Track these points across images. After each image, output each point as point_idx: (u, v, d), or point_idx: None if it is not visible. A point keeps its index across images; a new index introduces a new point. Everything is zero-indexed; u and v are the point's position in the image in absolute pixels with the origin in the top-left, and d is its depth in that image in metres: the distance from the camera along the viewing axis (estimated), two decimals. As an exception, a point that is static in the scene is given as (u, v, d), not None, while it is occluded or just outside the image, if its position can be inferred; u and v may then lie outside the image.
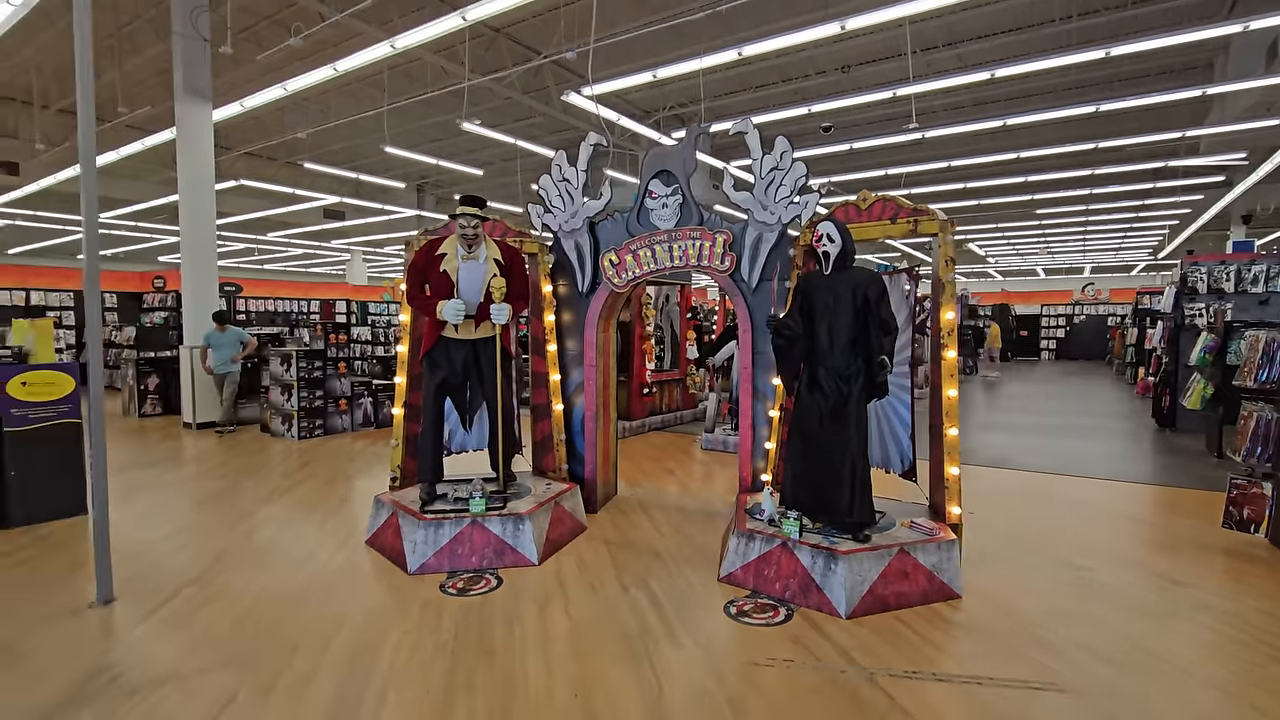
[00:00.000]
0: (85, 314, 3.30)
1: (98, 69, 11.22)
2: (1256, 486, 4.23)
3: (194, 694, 2.56)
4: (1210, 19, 8.64)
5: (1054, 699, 2.52)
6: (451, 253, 4.22)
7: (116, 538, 4.15)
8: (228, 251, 26.01)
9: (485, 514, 3.97)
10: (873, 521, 3.63)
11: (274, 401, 8.46)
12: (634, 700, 2.52)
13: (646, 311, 8.72)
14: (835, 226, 3.74)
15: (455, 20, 6.57)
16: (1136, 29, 9.26)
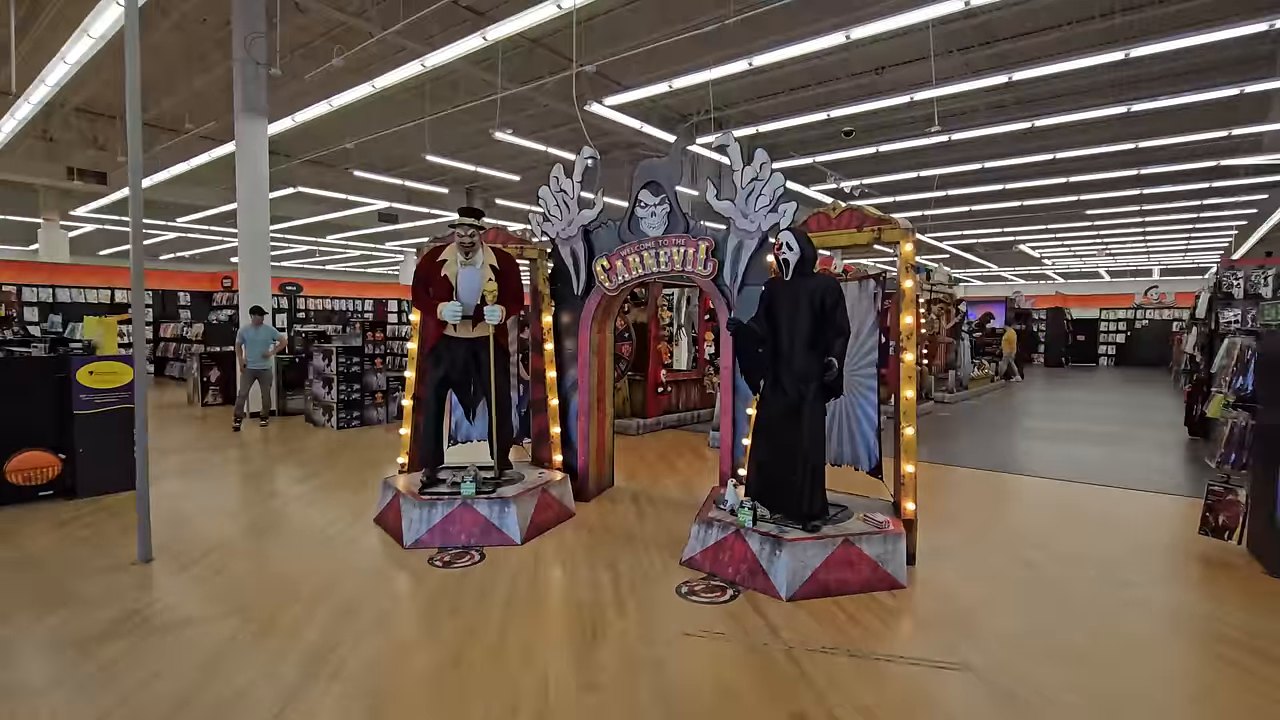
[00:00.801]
0: (132, 312, 3.87)
1: (170, 86, 12.33)
2: (1232, 494, 4.25)
3: (205, 633, 3.04)
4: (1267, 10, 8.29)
5: (955, 676, 2.73)
6: (451, 259, 4.65)
7: (163, 508, 4.78)
8: (291, 253, 27.57)
9: (475, 497, 4.38)
10: (824, 513, 3.86)
11: (316, 394, 9.16)
12: (568, 654, 2.86)
13: (662, 313, 9.03)
14: (795, 236, 3.98)
15: (477, 40, 7.05)
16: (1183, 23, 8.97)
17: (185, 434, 8.49)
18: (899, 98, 10.08)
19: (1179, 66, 10.49)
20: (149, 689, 2.56)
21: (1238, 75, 10.50)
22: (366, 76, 9.19)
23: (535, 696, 2.53)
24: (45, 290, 15.59)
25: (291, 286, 20.51)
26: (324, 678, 2.65)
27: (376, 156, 16.54)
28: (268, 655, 2.83)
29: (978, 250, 26.36)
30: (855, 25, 7.02)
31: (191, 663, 2.77)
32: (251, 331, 8.74)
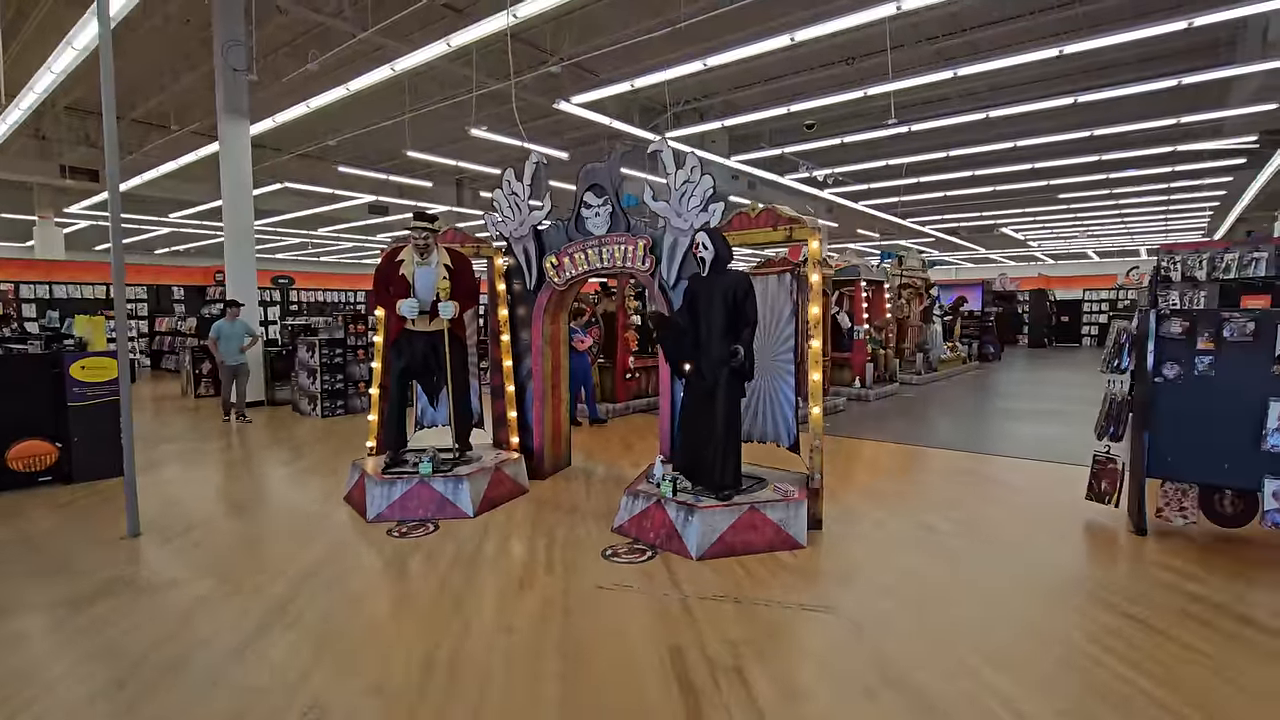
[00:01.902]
0: (114, 306, 4.31)
1: (158, 84, 12.66)
2: (1112, 462, 4.70)
3: (182, 593, 3.51)
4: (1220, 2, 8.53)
5: (817, 616, 3.20)
6: (409, 259, 5.08)
7: (153, 491, 5.26)
8: (283, 246, 27.91)
9: (431, 475, 4.84)
10: (737, 484, 4.32)
11: (301, 384, 9.61)
12: (493, 604, 3.33)
13: (629, 302, 9.45)
14: (710, 236, 4.40)
15: (441, 46, 7.40)
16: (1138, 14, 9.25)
17: (177, 424, 8.96)
18: (868, 89, 10.39)
19: (1127, 56, 10.80)
20: (129, 637, 3.03)
21: (1194, 63, 10.84)
22: (348, 74, 9.54)
23: (458, 637, 3.00)
24: (42, 287, 16.02)
25: (283, 279, 20.95)
26: (280, 627, 3.12)
27: (363, 151, 16.87)
28: (234, 611, 3.30)
29: (961, 234, 26.64)
30: (819, 21, 7.36)
31: (168, 617, 3.24)
32: (227, 326, 8.83)
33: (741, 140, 15.96)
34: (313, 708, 2.46)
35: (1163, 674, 2.67)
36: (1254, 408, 4.04)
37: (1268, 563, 3.90)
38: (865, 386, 10.94)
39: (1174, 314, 4.38)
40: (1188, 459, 4.29)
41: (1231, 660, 2.78)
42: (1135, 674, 2.67)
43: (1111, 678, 2.65)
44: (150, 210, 20.31)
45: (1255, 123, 12.13)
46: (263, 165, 16.30)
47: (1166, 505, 4.46)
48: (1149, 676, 2.65)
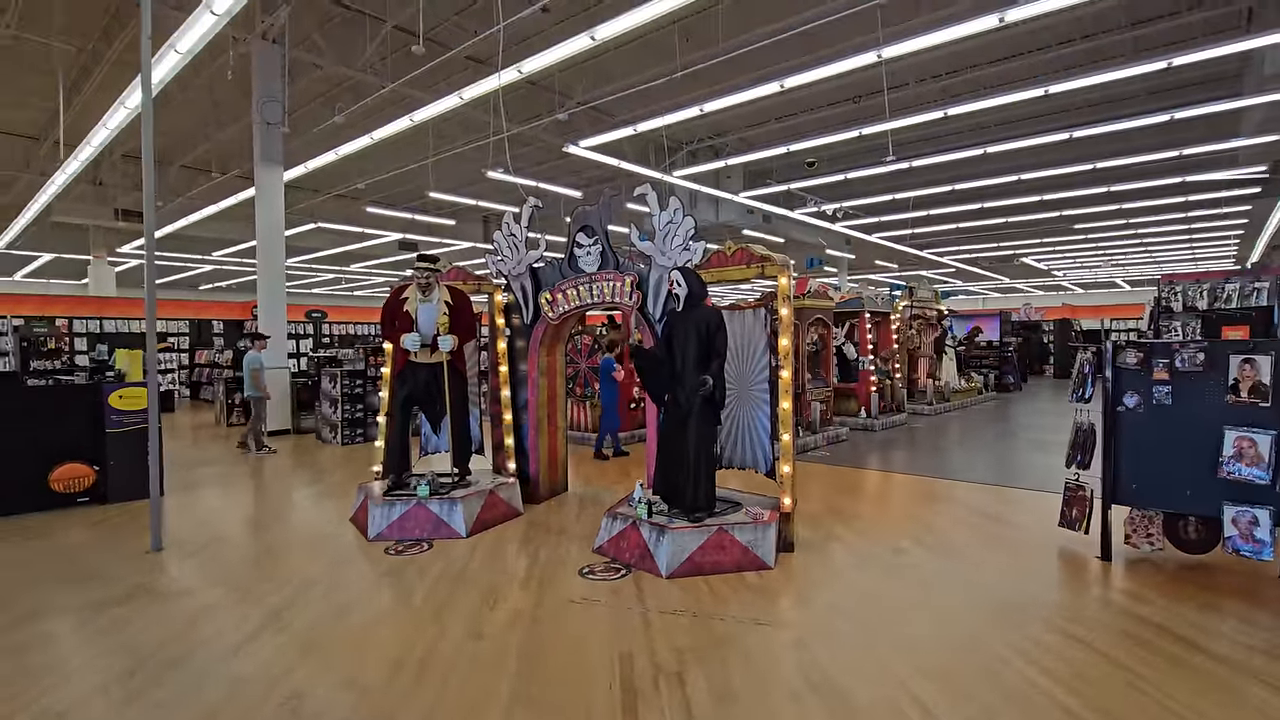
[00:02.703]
0: (146, 340, 4.79)
1: (202, 136, 13.65)
2: (1082, 489, 4.82)
3: (193, 600, 3.88)
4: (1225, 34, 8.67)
5: (767, 631, 3.41)
6: (412, 297, 5.51)
7: (181, 511, 5.70)
8: (318, 281, 29.08)
9: (428, 497, 5.18)
10: (710, 507, 4.56)
11: (324, 413, 10.12)
12: (468, 615, 3.61)
13: (635, 334, 9.77)
14: (683, 274, 4.73)
15: (454, 100, 8.00)
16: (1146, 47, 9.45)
17: (211, 450, 9.51)
18: (864, 129, 10.77)
19: (1134, 90, 10.99)
20: (141, 636, 3.40)
21: (1201, 95, 10.97)
22: (375, 123, 10.26)
23: (431, 642, 3.29)
24: (94, 322, 17.07)
25: (317, 314, 21.87)
26: (274, 630, 3.45)
27: (391, 191, 17.77)
28: (236, 616, 3.65)
29: (982, 264, 26.55)
30: (812, 67, 7.78)
31: (177, 620, 3.60)
32: (247, 357, 9.19)
33: (756, 176, 16.42)
34: (291, 697, 2.77)
35: (1082, 687, 2.82)
36: (1211, 436, 4.16)
37: (1227, 589, 3.98)
38: (871, 416, 11.04)
39: (1129, 345, 4.54)
40: (1151, 486, 4.41)
41: (1159, 679, 2.91)
42: (1053, 685, 2.83)
43: (1028, 687, 2.81)
44: (196, 249, 21.52)
45: (1266, 153, 12.14)
46: (299, 206, 17.31)
47: (1134, 532, 4.56)
48: (1067, 689, 2.81)
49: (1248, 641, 3.24)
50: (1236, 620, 3.50)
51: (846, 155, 14.15)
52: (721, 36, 9.01)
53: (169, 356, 17.65)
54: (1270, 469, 3.89)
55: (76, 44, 10.18)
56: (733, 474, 5.43)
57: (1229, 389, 4.14)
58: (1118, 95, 11.42)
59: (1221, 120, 11.33)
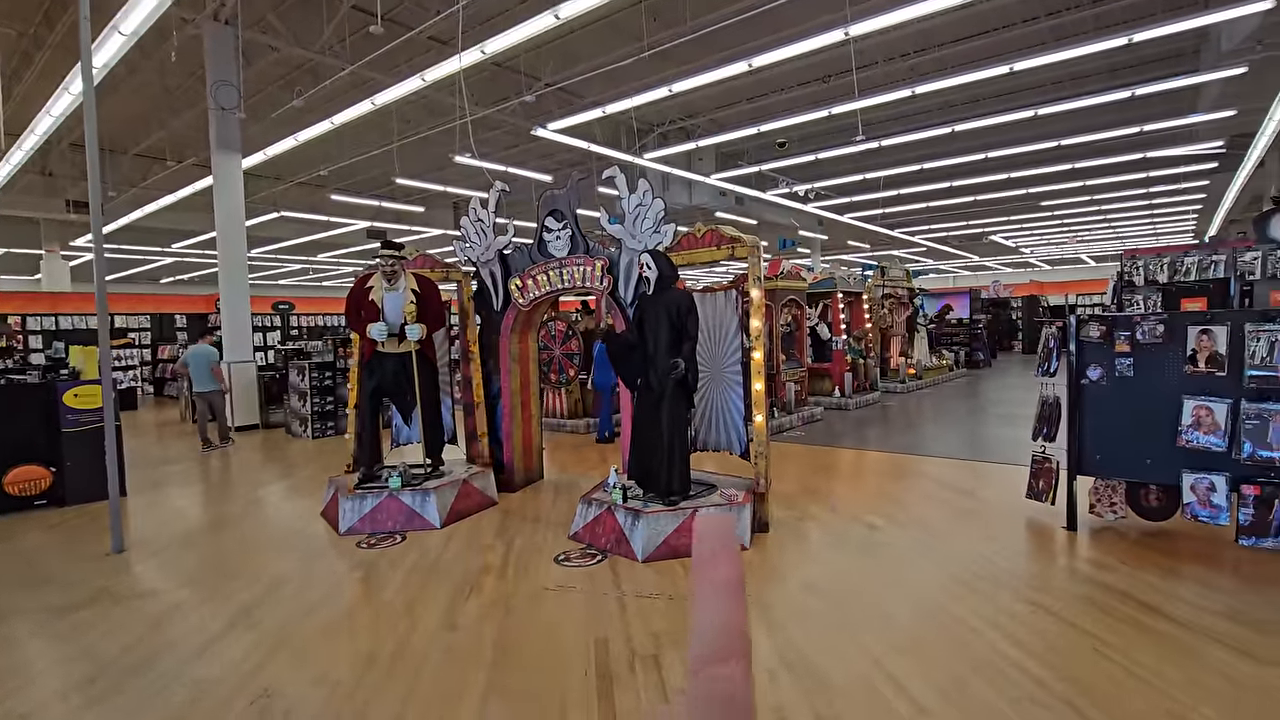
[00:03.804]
0: (99, 335, 4.61)
1: (157, 122, 13.15)
2: (1049, 461, 4.91)
3: (157, 601, 3.78)
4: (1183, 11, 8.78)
5: (742, 611, 3.42)
6: (378, 286, 5.38)
7: (144, 511, 5.54)
8: (285, 272, 28.43)
9: (400, 489, 5.10)
10: (685, 490, 4.56)
11: (293, 407, 9.92)
12: (443, 603, 3.57)
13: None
14: (653, 257, 4.68)
15: (416, 82, 7.79)
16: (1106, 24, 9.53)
17: (175, 448, 9.27)
18: (833, 108, 10.76)
19: (1098, 66, 11.11)
20: (104, 640, 3.30)
21: (1160, 72, 11.14)
22: (338, 107, 9.96)
23: (404, 635, 3.25)
24: (49, 319, 16.48)
25: (284, 305, 21.39)
26: (242, 629, 3.38)
27: (357, 178, 17.34)
28: (203, 616, 3.56)
29: (951, 243, 26.90)
30: (781, 46, 7.73)
31: (141, 623, 3.50)
32: (198, 351, 8.93)
33: (728, 158, 16.35)
34: (260, 696, 2.71)
35: (1051, 656, 2.88)
36: (1171, 406, 4.25)
37: (1186, 554, 4.10)
38: (845, 396, 11.15)
39: (1092, 319, 4.61)
40: (1114, 456, 4.51)
41: (1124, 645, 2.98)
42: (1024, 655, 2.89)
43: (999, 659, 2.87)
44: (154, 241, 20.84)
45: (1223, 128, 12.41)
46: (260, 195, 16.82)
47: (1098, 501, 4.67)
48: (1037, 658, 2.86)
49: (1207, 605, 3.33)
50: (1196, 584, 3.60)
51: (817, 135, 14.13)
52: (689, 15, 8.90)
53: (130, 352, 17.14)
54: (1226, 436, 3.99)
55: (17, 28, 9.71)
56: (708, 456, 5.45)
57: (1187, 359, 4.23)
58: (1080, 73, 11.55)
59: (1180, 96, 11.55)
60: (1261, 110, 10.44)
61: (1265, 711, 2.44)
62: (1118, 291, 10.03)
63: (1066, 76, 11.72)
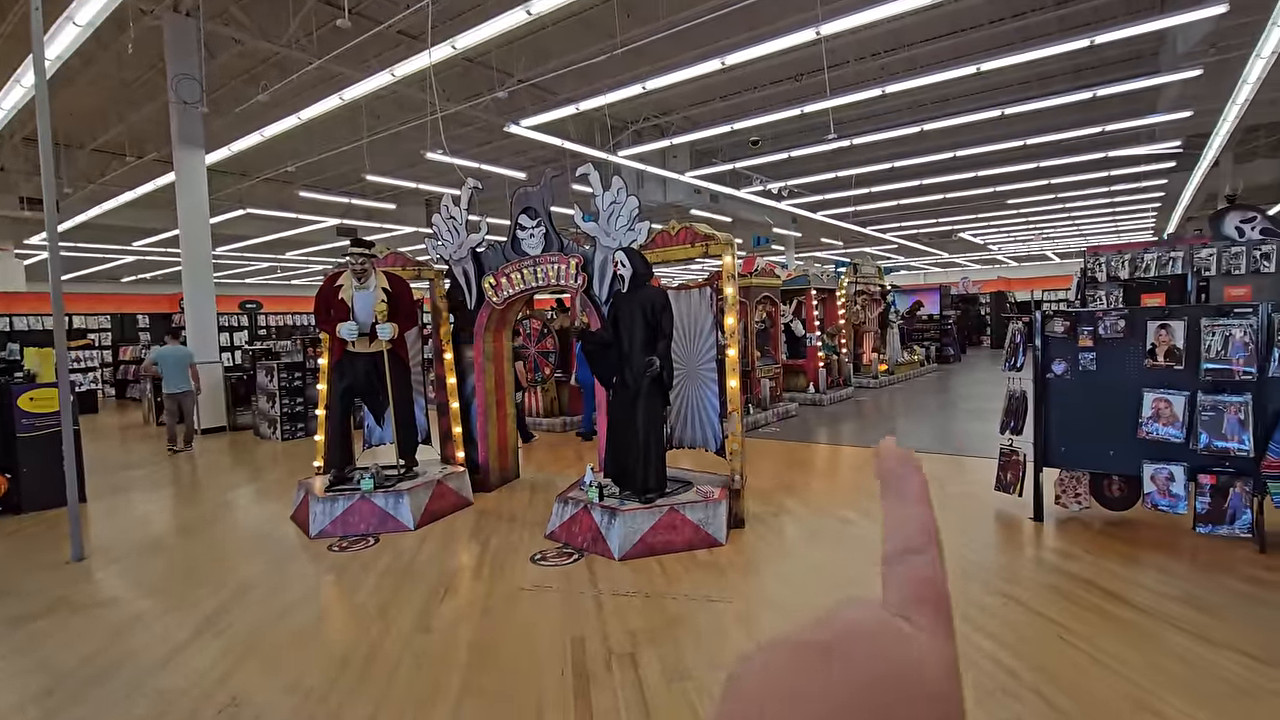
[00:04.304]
0: (55, 336, 4.46)
1: (115, 116, 12.74)
2: (1016, 454, 5.02)
3: (119, 610, 3.67)
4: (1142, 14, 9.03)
5: (718, 606, 3.44)
6: (347, 284, 5.29)
7: (106, 517, 5.38)
8: (252, 270, 27.82)
9: (373, 491, 5.03)
10: (661, 487, 4.56)
11: (261, 408, 9.72)
12: (417, 606, 3.53)
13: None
14: (627, 254, 4.68)
15: (386, 77, 7.66)
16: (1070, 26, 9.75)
17: (138, 452, 9.02)
18: (805, 107, 10.85)
19: (1063, 67, 11.36)
20: (63, 651, 3.19)
21: (1122, 73, 11.43)
22: (305, 101, 9.74)
23: (377, 638, 3.20)
24: (3, 320, 15.90)
25: (251, 304, 20.94)
26: (209, 636, 3.30)
27: (326, 174, 17.01)
28: (167, 624, 3.47)
29: (922, 240, 27.34)
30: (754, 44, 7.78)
31: (101, 633, 3.40)
32: (180, 351, 8.87)
33: (703, 155, 16.38)
34: (229, 705, 2.65)
35: (1020, 645, 2.95)
36: (1131, 398, 4.37)
37: (1146, 542, 4.23)
38: (819, 391, 11.27)
39: (1057, 314, 4.72)
40: (1078, 449, 4.62)
41: (1089, 632, 3.06)
42: (994, 645, 2.95)
43: (970, 649, 2.91)
44: (113, 239, 20.20)
45: (1180, 128, 12.78)
46: (225, 191, 16.40)
47: (1063, 493, 4.78)
48: (1006, 648, 2.92)
49: (1166, 591, 3.44)
50: (1156, 571, 3.72)
51: (790, 134, 14.22)
52: (662, 13, 8.89)
53: (90, 354, 16.63)
54: (1184, 427, 4.12)
55: (-36, 18, 9.33)
56: (684, 453, 5.46)
57: (1147, 354, 4.35)
58: (1045, 73, 11.79)
59: (1140, 98, 11.86)
60: (1216, 111, 10.77)
61: (1220, 693, 2.53)
62: (1081, 287, 10.29)
63: (1032, 77, 11.98)
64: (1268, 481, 3.86)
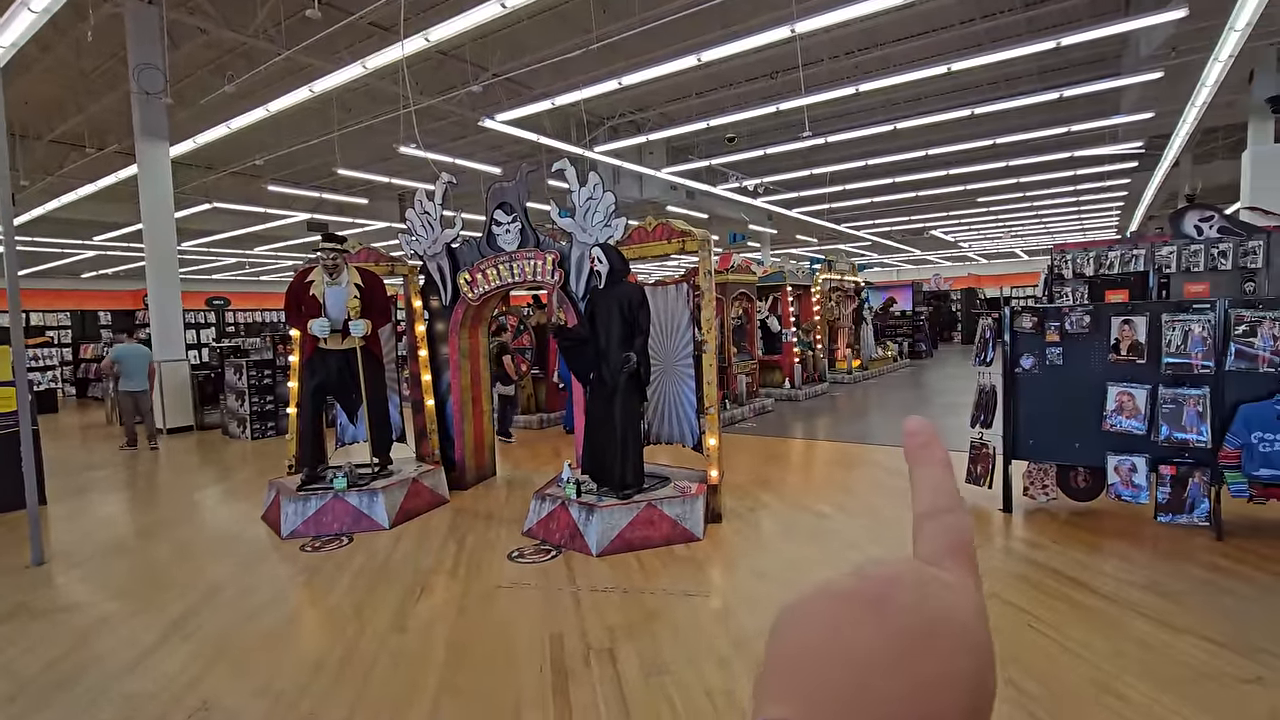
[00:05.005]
0: (11, 333, 4.31)
1: (75, 106, 12.33)
2: (986, 447, 5.12)
3: (83, 615, 3.57)
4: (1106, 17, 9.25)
5: (696, 600, 3.47)
6: (319, 280, 5.20)
7: (68, 519, 5.23)
8: (219, 266, 27.19)
9: (346, 490, 4.95)
10: (639, 483, 4.57)
11: (230, 407, 9.51)
12: (392, 606, 3.49)
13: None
14: (604, 250, 4.67)
15: (357, 69, 7.53)
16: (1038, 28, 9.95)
17: (101, 453, 8.77)
18: (781, 104, 10.92)
19: (1030, 68, 11.59)
20: (24, 657, 3.10)
21: (1087, 74, 11.69)
22: (274, 93, 9.51)
23: (352, 639, 3.16)
24: (-45, 316, 15.32)
25: (218, 301, 20.47)
26: (177, 640, 3.22)
27: (296, 168, 16.67)
28: (133, 628, 3.38)
29: (895, 237, 27.72)
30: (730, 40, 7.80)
31: (65, 638, 3.30)
32: (139, 350, 8.72)
33: (679, 152, 16.40)
34: (199, 709, 2.59)
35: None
36: (1096, 392, 4.49)
37: (1110, 531, 4.35)
38: (795, 387, 11.38)
39: (1025, 310, 4.82)
40: (1045, 441, 4.73)
41: (1055, 620, 3.14)
42: (964, 632, 3.00)
43: (941, 637, 2.97)
44: (73, 233, 19.56)
45: (1143, 129, 13.13)
46: (191, 185, 15.99)
47: (1031, 484, 4.90)
48: (975, 634, 2.98)
49: (1130, 579, 3.54)
50: (1119, 560, 3.83)
51: (765, 131, 14.31)
52: (638, 8, 8.86)
53: (49, 352, 16.12)
54: (1146, 420, 4.24)
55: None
56: (661, 449, 5.48)
57: (1111, 348, 4.47)
58: (1013, 74, 12.02)
59: (1104, 99, 12.16)
60: (1176, 113, 11.08)
61: (1182, 677, 2.61)
62: (1048, 284, 10.52)
63: (1001, 78, 12.20)
64: (1224, 472, 3.99)
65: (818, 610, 0.26)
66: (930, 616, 0.25)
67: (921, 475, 0.34)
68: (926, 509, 0.33)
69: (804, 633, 0.26)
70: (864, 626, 0.25)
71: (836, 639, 0.25)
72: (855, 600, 0.26)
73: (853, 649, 0.24)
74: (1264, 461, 3.86)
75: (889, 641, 0.24)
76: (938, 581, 0.28)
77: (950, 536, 0.31)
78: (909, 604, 0.26)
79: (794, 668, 0.25)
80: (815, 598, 0.27)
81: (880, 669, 0.24)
